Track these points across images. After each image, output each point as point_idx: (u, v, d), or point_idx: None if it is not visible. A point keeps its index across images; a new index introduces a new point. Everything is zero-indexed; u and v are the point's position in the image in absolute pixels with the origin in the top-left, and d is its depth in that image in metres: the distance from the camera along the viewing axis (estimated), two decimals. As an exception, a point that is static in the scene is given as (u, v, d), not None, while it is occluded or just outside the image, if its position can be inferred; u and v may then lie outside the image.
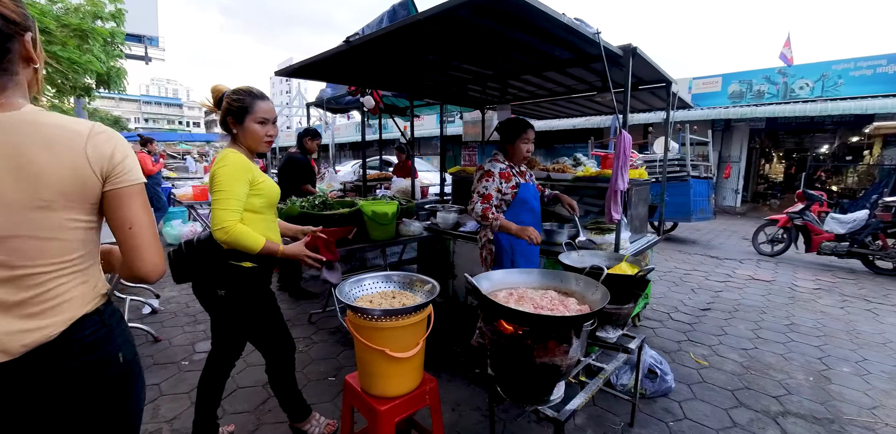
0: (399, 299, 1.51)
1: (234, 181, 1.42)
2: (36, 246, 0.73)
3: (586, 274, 1.48)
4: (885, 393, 2.30)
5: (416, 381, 1.49)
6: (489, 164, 2.17)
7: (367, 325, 1.35)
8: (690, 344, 2.92)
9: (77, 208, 0.77)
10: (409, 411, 1.47)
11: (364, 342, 1.36)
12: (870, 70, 9.90)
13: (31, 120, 0.73)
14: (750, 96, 11.34)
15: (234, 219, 1.40)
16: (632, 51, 1.96)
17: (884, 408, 2.15)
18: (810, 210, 5.58)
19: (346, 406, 1.62)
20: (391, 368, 1.40)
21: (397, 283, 1.63)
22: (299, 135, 4.02)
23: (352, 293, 1.54)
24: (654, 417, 2.01)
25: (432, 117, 18.02)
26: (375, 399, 1.43)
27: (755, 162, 13.55)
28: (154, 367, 2.54)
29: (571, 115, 4.60)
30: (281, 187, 1.75)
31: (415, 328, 1.41)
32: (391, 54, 2.30)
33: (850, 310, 3.71)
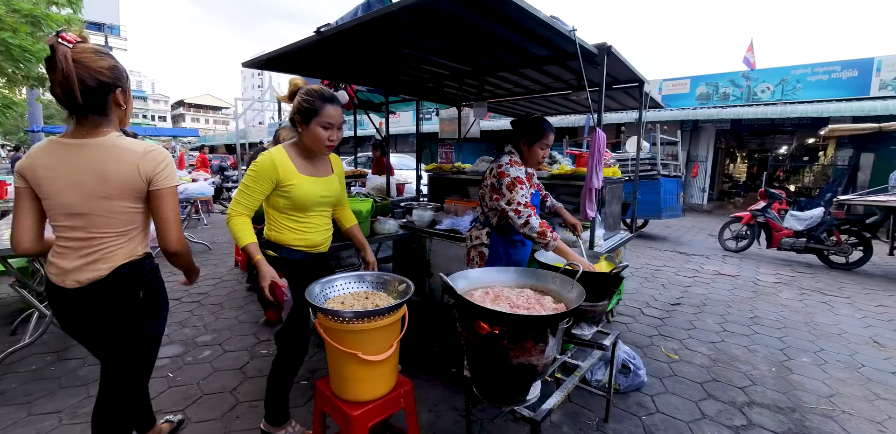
0: (372, 300, 1.46)
1: (253, 178, 1.52)
2: (101, 220, 1.20)
3: (562, 272, 1.47)
4: (842, 381, 2.42)
5: (391, 384, 1.45)
6: (514, 169, 1.87)
7: (338, 327, 1.30)
8: (662, 338, 3.00)
9: (127, 199, 1.21)
10: (383, 415, 1.43)
11: (335, 345, 1.30)
12: (825, 75, 10.48)
13: (111, 143, 1.19)
14: (716, 98, 11.80)
15: (237, 210, 1.52)
16: (606, 49, 1.97)
17: (840, 396, 2.26)
18: (771, 208, 5.86)
19: (318, 411, 1.56)
20: (364, 372, 1.35)
21: (370, 283, 1.58)
22: (277, 130, 3.88)
23: (322, 294, 1.47)
24: (628, 412, 2.05)
25: (409, 114, 17.89)
26: (348, 404, 1.38)
27: (721, 161, 14.12)
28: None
29: (547, 113, 4.63)
30: None
31: (388, 330, 1.36)
32: (365, 47, 2.23)
33: (808, 302, 3.90)
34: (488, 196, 2.00)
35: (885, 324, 3.41)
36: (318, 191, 1.62)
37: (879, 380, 2.46)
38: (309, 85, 1.61)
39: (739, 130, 13.09)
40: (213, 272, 4.53)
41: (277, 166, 1.53)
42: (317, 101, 1.51)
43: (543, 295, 1.38)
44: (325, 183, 1.65)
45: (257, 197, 1.54)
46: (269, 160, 1.53)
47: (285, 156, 1.58)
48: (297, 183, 1.56)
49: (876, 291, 4.32)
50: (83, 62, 1.13)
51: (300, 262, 1.69)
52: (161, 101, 66.81)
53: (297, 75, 2.94)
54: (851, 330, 3.25)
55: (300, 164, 1.60)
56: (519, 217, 1.79)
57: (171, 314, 3.31)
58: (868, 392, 2.31)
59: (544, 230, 1.75)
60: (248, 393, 2.17)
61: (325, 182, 1.66)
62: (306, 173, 1.60)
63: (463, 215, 3.09)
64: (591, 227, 2.28)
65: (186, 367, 2.46)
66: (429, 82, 3.13)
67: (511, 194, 1.84)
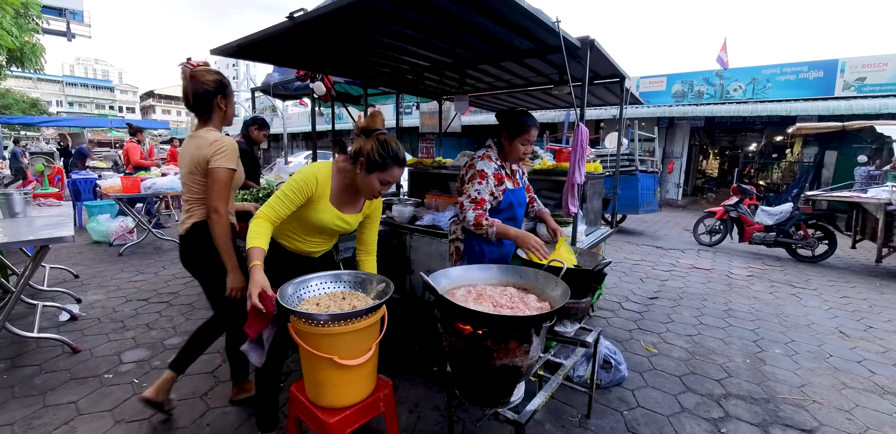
0: (349, 301, 1.38)
1: (294, 189, 1.49)
2: (188, 188, 1.71)
3: (546, 269, 1.43)
4: (811, 371, 2.51)
5: (369, 388, 1.39)
6: (482, 163, 1.85)
7: (312, 331, 1.22)
8: (641, 332, 3.04)
9: (199, 174, 1.65)
10: (361, 421, 1.37)
11: (309, 350, 1.23)
12: (793, 76, 10.86)
13: (202, 135, 1.67)
14: (691, 96, 12.08)
15: (266, 213, 1.47)
16: (590, 43, 1.93)
17: (811, 386, 2.34)
18: (743, 203, 6.04)
19: (292, 418, 1.48)
20: (341, 377, 1.28)
21: (348, 282, 1.51)
22: (245, 123, 3.71)
23: (296, 295, 1.39)
24: (610, 407, 2.05)
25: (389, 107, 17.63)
26: (324, 410, 1.32)
27: (694, 158, 14.51)
28: (71, 382, 2.23)
29: (529, 108, 4.60)
30: None
31: (367, 332, 1.29)
32: (342, 35, 2.13)
33: (778, 295, 4.04)
34: (460, 189, 1.95)
35: (849, 314, 3.56)
36: (333, 224, 1.59)
37: (846, 369, 2.56)
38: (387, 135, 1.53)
39: (712, 128, 13.47)
40: (184, 271, 4.32)
41: (319, 185, 1.51)
42: (390, 160, 1.48)
43: (527, 293, 1.34)
44: (342, 218, 1.61)
45: (290, 207, 1.50)
46: (315, 176, 1.51)
47: (329, 178, 1.54)
48: (321, 208, 1.54)
49: (840, 283, 4.52)
50: (196, 77, 1.64)
51: (284, 253, 1.66)
52: (129, 91, 63.62)
53: (270, 64, 2.80)
54: (819, 321, 3.38)
55: (337, 192, 1.57)
56: (461, 210, 1.81)
57: (136, 317, 3.18)
58: (836, 381, 2.39)
59: (479, 222, 1.74)
60: (219, 398, 2.07)
61: (344, 218, 1.61)
62: (335, 203, 1.57)
63: (444, 211, 3.03)
64: (574, 222, 2.26)
65: (153, 371, 2.33)
66: (409, 74, 3.04)
67: (467, 185, 1.85)
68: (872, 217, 5.08)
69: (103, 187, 5.10)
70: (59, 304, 3.14)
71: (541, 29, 1.78)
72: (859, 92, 10.02)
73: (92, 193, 6.38)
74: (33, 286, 3.53)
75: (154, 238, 5.47)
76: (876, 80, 9.96)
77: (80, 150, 9.44)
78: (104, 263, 4.54)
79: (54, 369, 2.36)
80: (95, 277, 4.05)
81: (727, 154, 18.32)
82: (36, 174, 6.69)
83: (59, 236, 2.23)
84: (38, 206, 3.80)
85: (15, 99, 26.71)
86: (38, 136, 25.75)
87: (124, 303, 3.42)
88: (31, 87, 46.97)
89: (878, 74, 9.96)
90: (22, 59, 7.97)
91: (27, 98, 29.13)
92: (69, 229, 2.56)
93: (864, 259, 5.68)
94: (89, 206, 5.88)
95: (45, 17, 10.67)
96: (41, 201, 3.94)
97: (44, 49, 9.76)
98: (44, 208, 3.66)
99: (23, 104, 26.99)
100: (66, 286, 3.73)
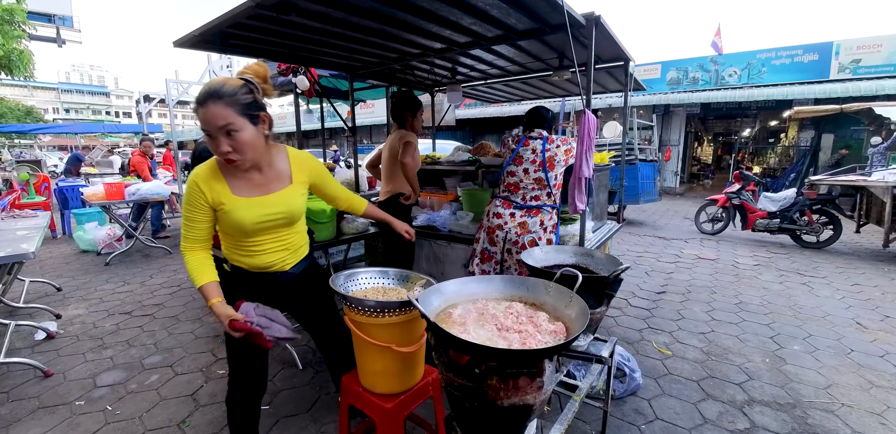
0: (390, 295, 1.42)
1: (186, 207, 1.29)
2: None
3: (557, 280, 1.25)
4: (835, 369, 2.36)
5: (420, 373, 1.45)
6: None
7: (370, 321, 1.28)
8: (651, 332, 2.88)
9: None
10: (414, 405, 1.41)
11: (368, 340, 1.27)
12: (788, 59, 10.67)
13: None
14: (686, 83, 11.89)
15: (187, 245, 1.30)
16: (595, 20, 1.73)
17: (837, 386, 2.19)
18: (745, 189, 5.90)
19: (344, 406, 1.49)
20: (397, 364, 1.34)
21: (394, 278, 1.54)
22: None
23: (346, 286, 1.45)
24: (626, 421, 1.89)
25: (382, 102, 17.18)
26: (382, 397, 1.36)
27: (690, 145, 14.37)
28: (39, 411, 2.04)
29: (525, 98, 4.40)
30: None
31: (419, 321, 1.33)
32: (317, 18, 1.91)
33: (788, 284, 3.90)
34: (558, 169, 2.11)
35: (863, 303, 3.43)
36: (256, 216, 1.27)
37: (869, 365, 2.42)
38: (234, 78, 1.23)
39: (707, 114, 13.31)
40: (172, 279, 4.13)
41: (202, 188, 1.24)
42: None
43: (536, 310, 1.16)
44: (268, 204, 1.29)
45: (201, 226, 1.27)
46: (193, 182, 1.25)
47: (213, 173, 1.26)
48: (229, 208, 1.25)
49: (848, 270, 4.39)
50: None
51: (253, 277, 1.39)
52: (125, 96, 62.19)
53: (242, 56, 2.58)
54: (834, 312, 3.24)
55: (235, 181, 1.27)
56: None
57: (116, 333, 2.99)
58: (862, 380, 2.25)
59: None
60: (198, 425, 1.89)
61: (270, 202, 1.29)
62: (242, 194, 1.27)
63: (440, 210, 2.84)
64: (582, 220, 2.08)
65: (129, 396, 2.14)
66: (397, 62, 2.82)
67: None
68: (878, 200, 4.95)
69: (86, 195, 4.86)
70: (34, 323, 2.93)
71: (542, 1, 1.57)
72: (854, 74, 9.87)
73: (80, 201, 6.12)
74: (7, 303, 3.33)
75: (142, 245, 5.24)
76: (871, 61, 9.81)
77: (76, 155, 9.12)
78: (89, 274, 4.32)
79: (22, 397, 2.16)
80: (79, 289, 3.85)
81: (720, 140, 18.20)
82: (21, 183, 6.41)
83: (14, 254, 2.02)
84: (14, 217, 3.58)
85: (9, 107, 26.03)
86: (33, 143, 25.23)
87: (106, 317, 3.22)
88: (27, 95, 46.51)
89: (872, 56, 9.80)
90: (10, 67, 7.64)
91: (22, 106, 28.45)
92: (32, 244, 2.36)
93: (868, 244, 5.56)
94: (77, 214, 5.64)
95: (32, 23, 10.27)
96: (16, 213, 3.71)
97: (32, 56, 9.39)
98: (18, 220, 3.44)
99: (17, 112, 26.34)
100: (47, 300, 3.53)
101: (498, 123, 14.14)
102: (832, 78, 10.04)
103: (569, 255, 1.76)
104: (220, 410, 1.99)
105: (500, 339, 0.99)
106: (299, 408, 2.02)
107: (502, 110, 13.06)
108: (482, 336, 1.01)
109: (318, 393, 2.13)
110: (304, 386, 2.21)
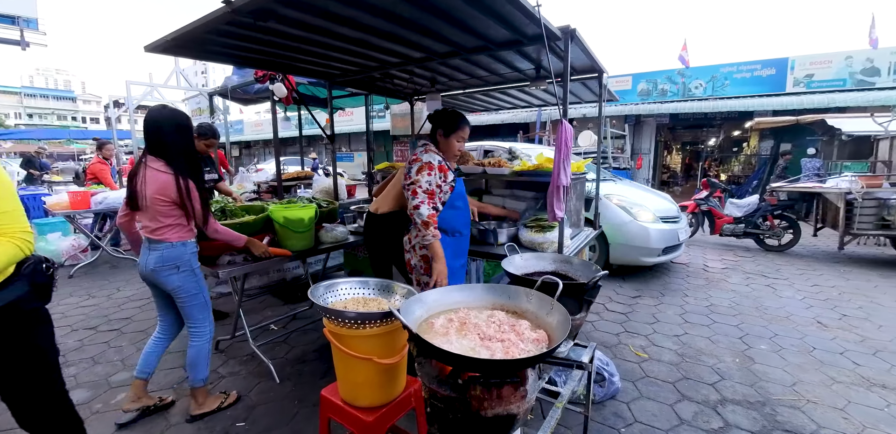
0: (371, 305, 1.39)
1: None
2: None
3: (538, 288, 1.27)
4: (799, 367, 2.48)
5: (402, 384, 1.42)
6: (427, 156, 1.86)
7: (352, 333, 1.25)
8: (628, 336, 2.95)
9: None
10: (396, 417, 1.39)
11: (349, 352, 1.23)
12: (748, 73, 11.31)
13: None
14: (656, 94, 12.40)
15: None
16: (570, 33, 1.80)
17: (802, 383, 2.30)
18: (713, 196, 6.17)
19: (324, 421, 1.45)
20: (378, 376, 1.31)
21: (374, 288, 1.52)
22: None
23: (325, 297, 1.42)
24: (606, 425, 1.93)
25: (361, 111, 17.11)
26: (363, 410, 1.33)
27: (660, 153, 14.93)
28: (-10, 436, 1.90)
29: (503, 107, 4.49)
30: None
31: (402, 330, 1.31)
32: (296, 26, 1.90)
33: (754, 286, 4.08)
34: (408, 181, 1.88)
35: (823, 303, 3.62)
36: None
37: (831, 362, 2.55)
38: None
39: (676, 124, 13.89)
40: (141, 292, 3.94)
41: None
42: None
43: (518, 318, 1.18)
44: None
45: None
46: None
47: None
48: None
49: (808, 271, 4.64)
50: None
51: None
52: (93, 101, 59.41)
53: (218, 62, 2.54)
54: (796, 312, 3.41)
55: None
56: (414, 198, 1.77)
57: (80, 349, 2.82)
58: (825, 376, 2.37)
59: (429, 221, 1.73)
60: (173, 445, 1.81)
61: None
62: None
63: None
64: (560, 227, 2.13)
65: (94, 417, 2.02)
66: (376, 71, 2.83)
67: (417, 176, 1.80)
68: (833, 206, 5.26)
69: (49, 204, 4.61)
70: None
71: (519, 13, 1.62)
72: (808, 88, 10.54)
73: (42, 210, 5.79)
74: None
75: (110, 256, 5.00)
76: (823, 76, 10.51)
77: (41, 163, 8.64)
78: (46, 287, 4.08)
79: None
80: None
81: (688, 149, 19.02)
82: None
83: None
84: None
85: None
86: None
87: (68, 333, 3.05)
88: (-13, 99, 43.61)
89: (824, 71, 10.51)
90: (-34, 71, 7.23)
91: (-20, 111, 26.52)
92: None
93: (825, 246, 5.90)
94: (39, 224, 5.32)
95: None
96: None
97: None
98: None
99: None
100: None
101: (477, 132, 14.30)
102: (788, 91, 10.69)
103: (548, 262, 1.80)
104: (194, 428, 1.91)
105: (482, 349, 1.00)
106: (278, 422, 1.96)
107: (478, 119, 13.25)
108: (465, 346, 1.01)
109: (298, 407, 2.08)
110: (283, 399, 2.14)
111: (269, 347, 2.73)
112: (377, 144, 17.69)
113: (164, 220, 1.76)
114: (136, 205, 1.77)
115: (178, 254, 1.79)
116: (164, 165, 1.73)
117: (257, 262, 2.21)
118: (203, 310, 1.91)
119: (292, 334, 2.97)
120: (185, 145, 1.80)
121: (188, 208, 1.74)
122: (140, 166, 1.76)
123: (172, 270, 1.79)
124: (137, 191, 1.74)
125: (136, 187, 1.74)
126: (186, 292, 1.83)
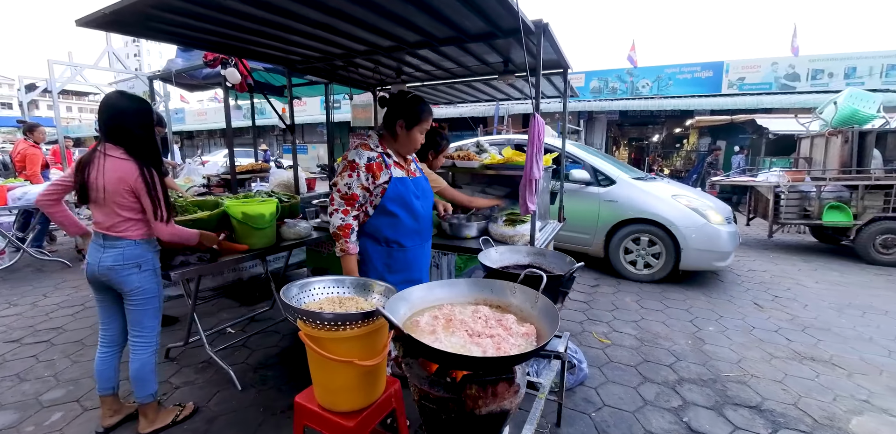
0: (348, 305, 1.33)
1: None
2: None
3: (521, 281, 1.28)
4: (743, 346, 2.71)
5: (382, 386, 1.38)
6: (354, 152, 1.65)
7: (330, 336, 1.18)
8: (591, 323, 3.08)
9: None
10: (377, 420, 1.36)
11: (327, 355, 1.16)
12: (689, 74, 12.12)
13: None
14: (606, 92, 12.97)
15: None
16: (543, 27, 1.80)
17: (746, 360, 2.52)
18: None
19: (299, 429, 1.37)
20: (359, 379, 1.26)
21: (350, 286, 1.44)
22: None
23: (299, 298, 1.34)
24: (577, 410, 2.00)
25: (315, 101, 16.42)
26: (342, 415, 1.27)
27: (610, 148, 15.70)
28: None
29: (466, 100, 4.48)
30: None
31: (382, 330, 1.27)
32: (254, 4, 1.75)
33: (699, 273, 4.40)
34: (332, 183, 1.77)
35: (757, 286, 3.99)
36: None
37: (768, 339, 2.81)
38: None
39: (624, 121, 14.65)
40: (72, 298, 3.55)
41: None
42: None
43: (503, 312, 1.18)
44: None
45: None
46: None
47: None
48: None
49: (743, 258, 5.08)
50: None
51: None
52: (4, 84, 51.91)
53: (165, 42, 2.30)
54: (736, 295, 3.73)
55: None
56: (330, 204, 1.67)
57: (4, 365, 2.49)
58: (764, 353, 2.61)
59: (338, 233, 1.63)
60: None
61: None
62: None
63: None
64: (532, 220, 2.16)
65: (24, 440, 1.79)
66: (340, 59, 2.70)
67: (337, 178, 1.67)
68: (763, 198, 5.80)
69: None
70: None
71: (498, 5, 1.59)
72: (740, 89, 11.49)
73: None
74: None
75: (32, 259, 4.44)
76: (753, 79, 11.49)
77: None
78: (-45, 296, 3.57)
79: None
80: None
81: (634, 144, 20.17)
82: None
83: None
84: None
85: None
86: None
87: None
88: None
89: (754, 75, 11.49)
90: None
91: None
92: None
93: (756, 235, 6.49)
94: None
95: None
96: None
97: None
98: None
99: None
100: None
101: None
102: (724, 92, 11.59)
103: (523, 254, 1.81)
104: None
105: (473, 346, 0.98)
106: (243, 433, 1.84)
107: (438, 112, 13.20)
108: (455, 343, 0.99)
109: (263, 415, 1.96)
110: (247, 408, 2.02)
111: (227, 353, 2.56)
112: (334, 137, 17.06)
113: (124, 213, 1.58)
114: (87, 198, 1.58)
115: (140, 252, 1.63)
116: (125, 153, 1.57)
117: (214, 263, 2.04)
118: (155, 316, 1.74)
119: (252, 337, 2.80)
120: (149, 133, 1.65)
121: (154, 200, 1.57)
122: (95, 154, 1.56)
123: (133, 269, 1.61)
124: (91, 182, 1.54)
125: (89, 178, 1.54)
126: (144, 295, 1.66)
